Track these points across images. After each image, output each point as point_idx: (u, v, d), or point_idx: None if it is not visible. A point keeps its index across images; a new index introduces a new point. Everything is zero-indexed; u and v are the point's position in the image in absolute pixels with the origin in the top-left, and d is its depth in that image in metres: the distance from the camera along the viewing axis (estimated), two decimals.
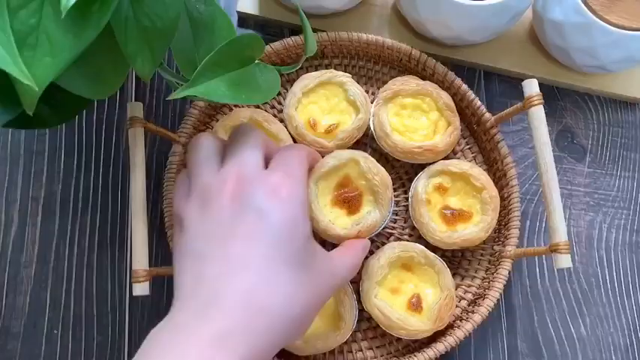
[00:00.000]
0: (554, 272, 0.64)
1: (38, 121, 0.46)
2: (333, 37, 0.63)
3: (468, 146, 0.65)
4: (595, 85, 0.68)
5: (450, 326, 0.58)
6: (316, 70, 0.64)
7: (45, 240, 0.61)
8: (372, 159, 0.53)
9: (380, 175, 0.53)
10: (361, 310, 0.58)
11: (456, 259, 0.62)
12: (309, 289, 0.41)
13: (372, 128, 0.62)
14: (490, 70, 0.68)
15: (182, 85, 0.42)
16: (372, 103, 0.62)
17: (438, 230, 0.57)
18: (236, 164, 0.43)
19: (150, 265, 0.50)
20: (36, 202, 0.62)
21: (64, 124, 0.64)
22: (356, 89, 0.61)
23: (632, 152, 0.68)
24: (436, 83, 0.62)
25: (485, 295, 0.57)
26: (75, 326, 0.59)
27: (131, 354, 0.59)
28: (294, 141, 0.60)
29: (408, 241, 0.60)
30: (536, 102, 0.55)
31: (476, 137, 0.64)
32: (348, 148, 0.59)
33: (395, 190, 0.63)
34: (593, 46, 0.60)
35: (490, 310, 0.56)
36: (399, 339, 0.58)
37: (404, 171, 0.64)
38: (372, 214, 0.52)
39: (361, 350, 0.59)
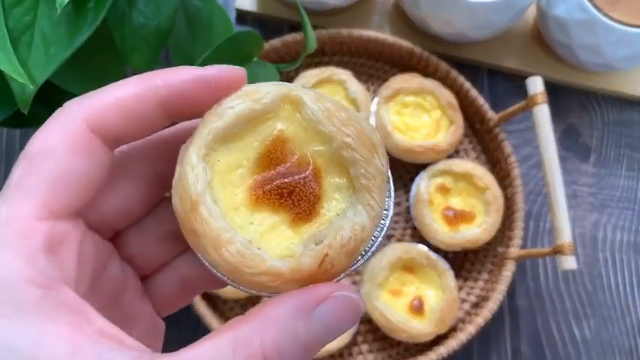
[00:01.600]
0: (558, 273, 0.63)
1: (33, 119, 0.45)
2: (333, 34, 0.62)
3: (470, 145, 0.64)
4: (599, 84, 0.67)
5: (453, 329, 0.57)
6: (316, 67, 0.63)
7: None
8: (335, 98, 0.24)
9: (354, 122, 0.23)
10: None
11: (459, 260, 0.61)
12: None
13: None
14: (493, 68, 0.68)
15: None
16: (372, 101, 0.62)
17: (440, 231, 0.57)
18: None
19: None
20: None
21: None
22: (357, 87, 0.60)
23: (637, 152, 0.67)
24: (438, 81, 0.61)
25: (488, 297, 0.57)
26: None
27: None
28: None
29: (409, 242, 0.60)
30: (540, 100, 0.54)
31: (479, 136, 0.64)
32: None
33: (396, 190, 0.62)
34: (598, 43, 0.59)
35: (493, 312, 0.55)
36: (400, 342, 0.58)
37: (405, 170, 0.63)
38: (349, 217, 0.22)
39: (362, 353, 0.58)
